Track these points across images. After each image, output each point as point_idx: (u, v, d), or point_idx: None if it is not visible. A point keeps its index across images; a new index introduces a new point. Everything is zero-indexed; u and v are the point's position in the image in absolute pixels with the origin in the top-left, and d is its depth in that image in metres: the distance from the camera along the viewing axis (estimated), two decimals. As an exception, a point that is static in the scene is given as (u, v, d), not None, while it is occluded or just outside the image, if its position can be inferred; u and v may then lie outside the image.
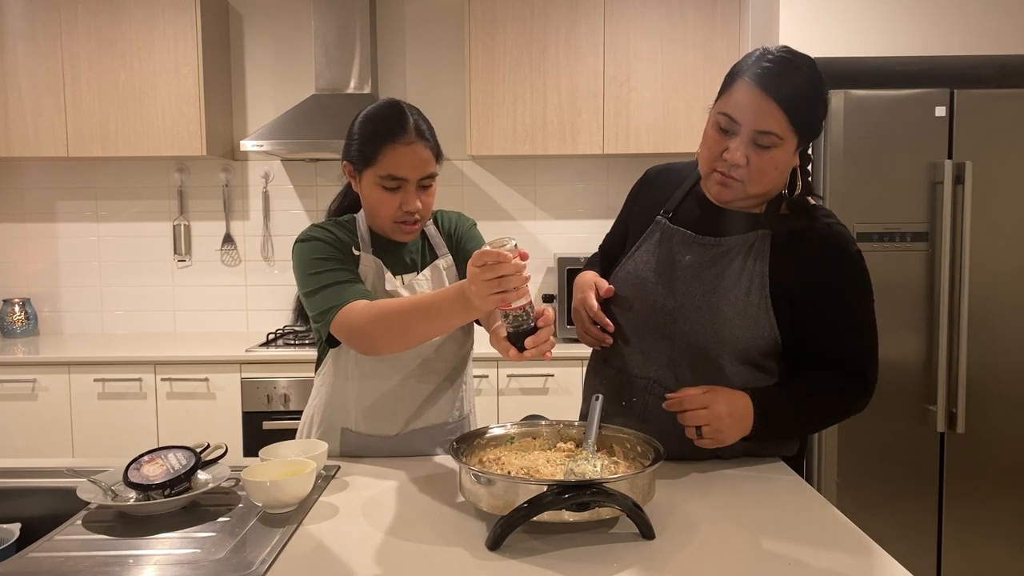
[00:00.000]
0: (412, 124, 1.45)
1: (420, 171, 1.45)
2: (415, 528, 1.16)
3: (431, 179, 1.48)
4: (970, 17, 2.80)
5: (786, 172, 1.36)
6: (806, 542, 1.12)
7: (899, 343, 2.72)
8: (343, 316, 1.38)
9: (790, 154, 1.33)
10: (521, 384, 3.02)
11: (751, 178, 1.32)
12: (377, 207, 1.49)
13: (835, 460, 2.75)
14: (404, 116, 1.46)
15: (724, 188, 1.36)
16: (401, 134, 1.44)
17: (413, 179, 1.45)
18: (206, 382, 3.01)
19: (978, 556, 2.74)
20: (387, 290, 1.51)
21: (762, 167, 1.31)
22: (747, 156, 1.30)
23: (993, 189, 2.68)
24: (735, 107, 1.30)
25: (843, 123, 2.68)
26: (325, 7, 3.33)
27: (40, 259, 3.65)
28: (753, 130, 1.29)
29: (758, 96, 1.28)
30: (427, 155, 1.46)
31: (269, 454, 1.37)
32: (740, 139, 1.30)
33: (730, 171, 1.33)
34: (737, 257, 1.38)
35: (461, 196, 3.60)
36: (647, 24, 3.21)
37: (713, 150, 1.35)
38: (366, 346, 1.40)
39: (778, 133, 1.28)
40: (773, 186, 1.37)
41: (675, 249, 1.44)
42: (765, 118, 1.28)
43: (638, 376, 1.45)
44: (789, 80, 1.28)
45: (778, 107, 1.27)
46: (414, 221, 1.50)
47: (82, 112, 3.24)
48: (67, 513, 1.23)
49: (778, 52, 1.31)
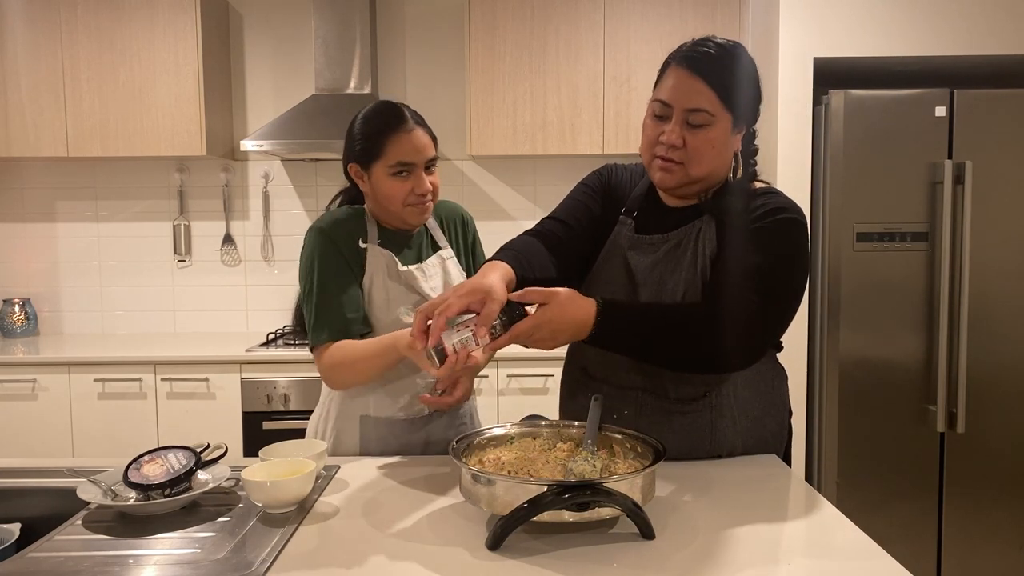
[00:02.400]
0: (409, 114, 1.58)
1: (424, 154, 1.56)
2: (415, 528, 1.16)
3: (434, 162, 1.60)
4: (970, 17, 2.80)
5: (725, 153, 1.37)
6: (806, 542, 1.12)
7: (899, 343, 2.72)
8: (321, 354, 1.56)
9: (726, 132, 1.35)
10: (521, 384, 3.03)
11: (690, 159, 1.34)
12: (392, 194, 1.56)
13: (835, 460, 2.75)
14: (400, 109, 1.58)
15: (666, 173, 1.37)
16: (402, 123, 1.55)
17: (420, 162, 1.56)
18: (206, 382, 3.01)
19: (978, 556, 2.74)
20: (401, 273, 1.60)
21: (698, 146, 1.33)
22: (683, 136, 1.33)
23: (993, 189, 2.68)
24: (666, 91, 1.35)
25: (843, 123, 2.68)
26: (325, 7, 3.33)
27: (40, 259, 3.65)
28: (684, 109, 1.32)
29: (684, 76, 1.33)
30: (427, 140, 1.58)
31: (269, 454, 1.37)
32: (674, 121, 1.33)
33: (668, 153, 1.35)
34: (688, 247, 1.40)
35: (461, 196, 3.60)
36: (647, 24, 3.21)
37: (651, 137, 1.38)
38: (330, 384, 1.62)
39: (708, 110, 1.31)
40: (714, 167, 1.37)
41: (629, 252, 1.45)
42: (694, 96, 1.32)
43: (627, 388, 1.45)
44: (714, 59, 1.32)
45: (705, 84, 1.31)
46: (426, 201, 1.59)
47: (82, 112, 3.24)
48: (67, 513, 1.23)
49: (704, 39, 1.36)
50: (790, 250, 1.33)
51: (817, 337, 2.87)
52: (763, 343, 1.36)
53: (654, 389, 1.42)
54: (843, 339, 2.72)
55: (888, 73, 3.06)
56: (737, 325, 1.28)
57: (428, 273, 1.64)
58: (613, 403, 1.43)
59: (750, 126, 1.41)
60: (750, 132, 1.42)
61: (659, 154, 1.37)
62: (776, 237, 1.33)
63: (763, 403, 1.47)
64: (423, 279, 1.62)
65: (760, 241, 1.32)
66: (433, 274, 1.64)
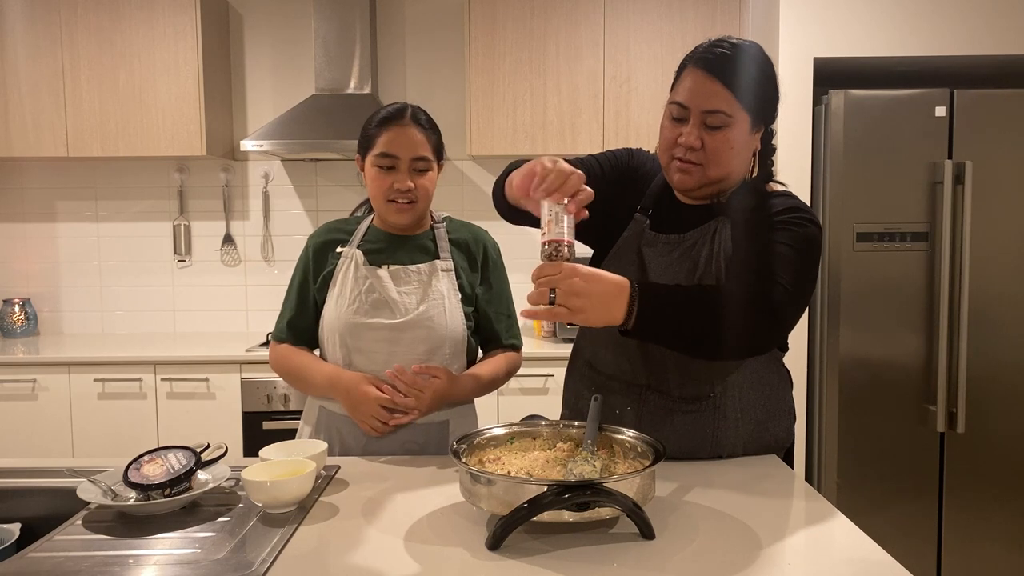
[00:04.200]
0: (410, 112, 1.58)
1: (412, 151, 1.55)
2: (415, 528, 1.16)
3: (424, 162, 1.58)
4: (970, 17, 2.80)
5: (744, 154, 1.37)
6: (806, 542, 1.12)
7: (899, 343, 2.72)
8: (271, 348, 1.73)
9: (745, 134, 1.34)
10: (521, 384, 3.03)
11: (708, 160, 1.34)
12: (374, 187, 1.59)
13: (835, 460, 2.75)
14: (404, 107, 1.59)
15: (685, 175, 1.37)
16: (397, 119, 1.57)
17: (404, 158, 1.56)
18: (206, 382, 3.01)
19: (978, 556, 2.74)
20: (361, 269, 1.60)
21: (716, 147, 1.33)
22: (701, 138, 1.33)
23: (993, 189, 2.68)
24: (683, 93, 1.34)
25: (843, 123, 2.68)
26: (325, 7, 3.33)
27: (40, 259, 3.65)
28: (702, 111, 1.32)
29: (702, 78, 1.32)
30: (420, 138, 1.57)
31: (269, 454, 1.37)
32: (692, 123, 1.33)
33: (686, 155, 1.35)
34: (704, 248, 1.39)
35: (461, 196, 3.60)
36: (647, 24, 3.21)
37: (668, 139, 1.38)
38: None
39: (726, 111, 1.31)
40: (732, 168, 1.37)
41: (644, 250, 1.45)
42: (711, 98, 1.31)
43: (631, 384, 1.44)
44: (730, 60, 1.31)
45: (722, 85, 1.30)
46: (407, 201, 1.57)
47: (82, 112, 3.24)
48: (67, 513, 1.23)
49: (720, 39, 1.35)
50: (810, 246, 1.32)
51: (817, 337, 2.87)
52: (784, 330, 1.33)
53: (659, 387, 1.42)
54: (843, 339, 2.72)
55: (888, 73, 3.06)
56: (765, 309, 1.24)
57: (403, 277, 1.60)
58: (616, 399, 1.43)
59: (768, 125, 1.40)
60: (768, 131, 1.42)
61: (677, 155, 1.36)
62: (799, 231, 1.31)
63: (767, 407, 1.46)
64: (389, 280, 1.59)
65: (785, 233, 1.31)
66: (413, 279, 1.60)
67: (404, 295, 1.59)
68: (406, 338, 1.58)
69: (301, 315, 1.67)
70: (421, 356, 1.58)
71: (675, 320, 1.21)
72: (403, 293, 1.59)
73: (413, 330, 1.58)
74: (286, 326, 1.68)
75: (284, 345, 1.69)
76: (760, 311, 1.24)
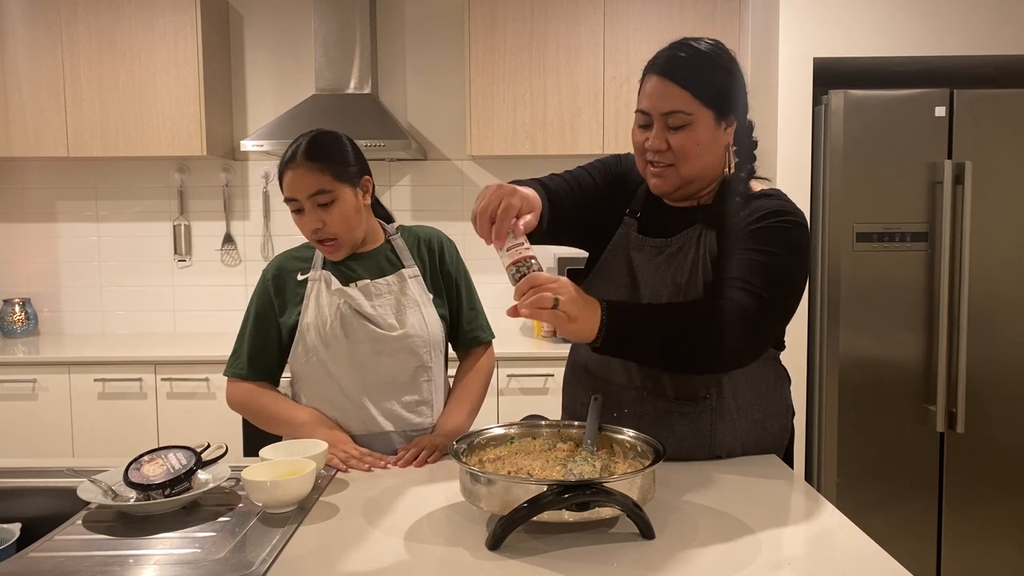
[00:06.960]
0: (301, 149, 1.53)
1: (305, 191, 1.52)
2: (415, 528, 1.16)
3: (325, 195, 1.52)
4: (970, 17, 2.80)
5: (713, 148, 1.37)
6: (806, 542, 1.12)
7: (899, 343, 2.72)
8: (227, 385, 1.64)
9: (709, 130, 1.35)
10: (521, 384, 3.03)
11: (678, 159, 1.36)
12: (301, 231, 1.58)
13: (835, 460, 2.75)
14: (297, 144, 1.55)
15: (659, 179, 1.39)
16: (288, 161, 1.54)
17: (302, 199, 1.53)
18: (206, 382, 3.01)
19: (978, 556, 2.75)
20: (334, 291, 1.59)
21: (682, 145, 1.35)
22: (666, 140, 1.35)
23: (993, 189, 2.68)
24: (644, 100, 1.37)
25: (843, 123, 2.68)
26: (325, 7, 3.33)
27: (40, 259, 3.65)
28: (661, 114, 1.34)
29: (657, 82, 1.35)
30: (311, 176, 1.51)
31: (269, 454, 1.37)
32: (656, 127, 1.36)
33: (656, 158, 1.37)
34: (690, 251, 1.40)
35: (461, 196, 3.60)
36: (647, 24, 3.21)
37: (638, 145, 1.41)
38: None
39: (684, 110, 1.33)
40: (704, 164, 1.37)
41: (633, 254, 1.46)
42: (668, 99, 1.33)
43: (627, 387, 1.45)
44: (682, 61, 1.34)
45: (676, 86, 1.33)
46: (329, 239, 1.56)
47: (82, 112, 3.24)
48: (67, 513, 1.23)
49: (676, 43, 1.37)
50: (790, 247, 1.33)
51: (817, 337, 2.87)
52: (763, 339, 1.35)
53: (654, 389, 1.42)
54: (843, 339, 2.72)
55: (888, 73, 3.06)
56: (738, 322, 1.26)
57: (376, 291, 1.60)
58: (613, 402, 1.44)
59: (741, 118, 1.40)
60: (746, 124, 1.42)
61: (649, 159, 1.39)
62: (777, 235, 1.32)
63: (764, 406, 1.47)
64: (361, 296, 1.59)
65: (761, 239, 1.32)
66: (384, 292, 1.61)
67: (379, 308, 1.60)
68: (389, 350, 1.59)
69: (263, 350, 1.63)
70: (405, 365, 1.60)
71: (642, 338, 1.25)
72: (377, 307, 1.60)
73: (400, 341, 1.59)
74: (247, 363, 1.62)
75: (246, 384, 1.62)
76: (734, 324, 1.26)
